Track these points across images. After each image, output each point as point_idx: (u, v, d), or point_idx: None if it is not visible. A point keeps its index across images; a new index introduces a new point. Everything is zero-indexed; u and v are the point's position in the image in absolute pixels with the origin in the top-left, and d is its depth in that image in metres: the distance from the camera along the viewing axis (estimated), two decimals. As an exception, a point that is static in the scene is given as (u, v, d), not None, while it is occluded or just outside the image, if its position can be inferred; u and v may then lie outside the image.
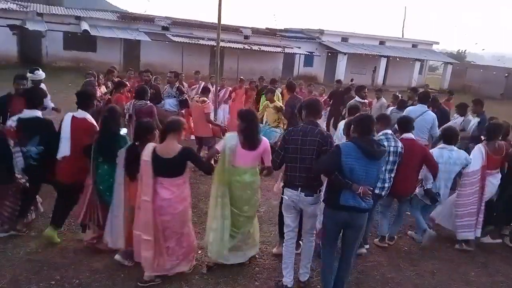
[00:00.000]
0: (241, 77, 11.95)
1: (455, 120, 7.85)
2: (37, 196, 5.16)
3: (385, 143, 4.61)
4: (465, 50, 60.10)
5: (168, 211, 3.95)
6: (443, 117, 7.66)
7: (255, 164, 4.35)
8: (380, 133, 4.83)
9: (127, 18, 27.30)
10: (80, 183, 4.48)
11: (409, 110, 7.11)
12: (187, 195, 4.14)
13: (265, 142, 4.30)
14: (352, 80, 20.05)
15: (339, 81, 11.71)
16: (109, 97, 7.06)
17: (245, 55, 26.56)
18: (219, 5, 7.99)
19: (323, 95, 11.57)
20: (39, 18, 23.66)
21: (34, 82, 6.31)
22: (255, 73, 20.30)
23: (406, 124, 5.25)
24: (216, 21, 8.27)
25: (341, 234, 4.01)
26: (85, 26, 23.63)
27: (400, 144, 4.83)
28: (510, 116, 7.13)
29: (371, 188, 3.75)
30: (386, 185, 4.83)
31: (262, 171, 4.43)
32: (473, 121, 7.46)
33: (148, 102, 6.53)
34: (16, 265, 4.18)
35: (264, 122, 7.98)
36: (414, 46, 35.57)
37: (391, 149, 4.74)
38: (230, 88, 10.74)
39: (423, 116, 6.75)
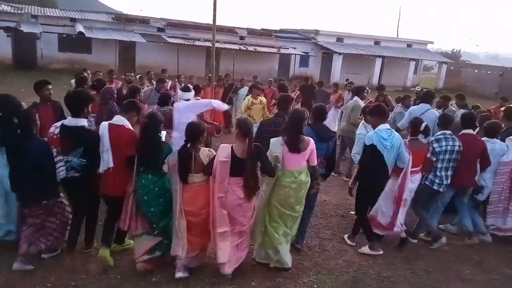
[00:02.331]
0: (210, 75, 12.20)
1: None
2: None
3: (443, 143, 5.19)
4: (460, 50, 60.33)
5: (243, 207, 4.11)
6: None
7: (305, 164, 4.38)
8: (439, 133, 5.35)
9: (122, 20, 27.22)
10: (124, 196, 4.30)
11: (412, 109, 7.27)
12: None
13: (311, 142, 4.37)
14: (347, 80, 20.05)
15: (307, 79, 13.29)
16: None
17: (240, 55, 26.57)
18: (214, 6, 8.01)
19: (295, 91, 12.13)
20: (33, 20, 23.56)
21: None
22: (251, 73, 20.22)
23: (468, 121, 5.57)
24: (212, 22, 8.27)
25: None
26: (80, 27, 23.57)
27: (458, 143, 5.25)
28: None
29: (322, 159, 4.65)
30: (444, 182, 5.29)
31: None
32: (457, 112, 7.80)
33: (172, 108, 6.40)
34: (11, 266, 4.14)
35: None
36: (409, 46, 35.70)
37: (449, 148, 5.20)
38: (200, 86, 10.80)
39: (425, 114, 6.83)
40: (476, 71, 32.71)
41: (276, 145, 4.28)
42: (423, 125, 5.17)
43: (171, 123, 6.16)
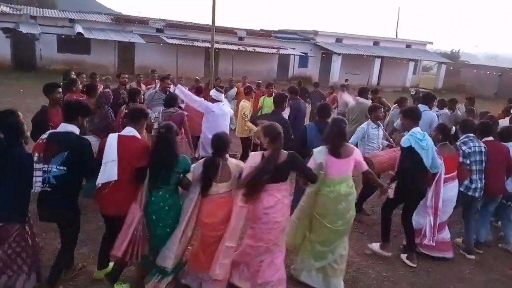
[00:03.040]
0: (197, 77, 12.23)
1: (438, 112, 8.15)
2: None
3: (471, 144, 5.17)
4: (459, 50, 60.47)
5: (269, 219, 3.80)
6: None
7: (350, 173, 4.20)
8: (464, 136, 5.32)
9: (121, 21, 27.20)
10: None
11: None
12: (288, 205, 3.99)
13: (357, 150, 4.29)
14: (346, 80, 20.09)
15: (300, 82, 13.33)
16: (126, 111, 5.87)
17: (240, 56, 26.58)
18: (213, 7, 8.00)
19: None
20: (32, 21, 23.54)
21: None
22: (250, 74, 20.30)
23: (487, 128, 5.53)
24: (211, 23, 8.27)
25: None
26: (79, 28, 23.56)
27: (483, 144, 5.23)
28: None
29: None
30: (479, 185, 5.19)
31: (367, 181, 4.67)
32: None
33: (178, 109, 6.27)
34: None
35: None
36: (408, 46, 35.74)
37: (476, 149, 5.18)
38: (187, 87, 10.73)
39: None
40: (475, 71, 32.72)
41: (320, 153, 4.13)
42: (453, 129, 5.27)
43: (179, 125, 6.12)
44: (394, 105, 9.06)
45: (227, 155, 3.91)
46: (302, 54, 29.83)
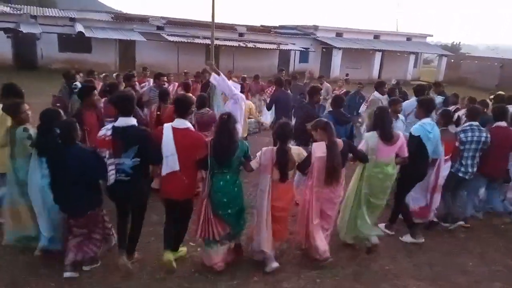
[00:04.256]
0: (185, 70, 12.36)
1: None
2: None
3: (469, 134, 5.54)
4: (460, 42, 60.05)
5: (334, 201, 4.54)
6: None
7: (394, 156, 4.85)
8: (466, 124, 5.72)
9: (122, 19, 27.18)
10: (191, 198, 4.32)
11: (404, 105, 7.24)
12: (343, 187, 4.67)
13: (402, 136, 4.86)
14: (347, 75, 20.05)
15: (281, 70, 13.75)
16: (158, 113, 6.21)
17: (240, 52, 26.54)
18: (213, 3, 8.01)
19: (272, 85, 12.32)
20: (33, 21, 23.54)
21: None
22: (251, 70, 20.29)
23: (500, 114, 5.86)
24: (211, 20, 8.27)
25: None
26: (79, 27, 23.55)
27: (484, 134, 5.57)
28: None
29: None
30: (470, 170, 5.63)
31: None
32: (437, 100, 8.21)
33: (210, 110, 6.39)
34: (15, 268, 4.20)
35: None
36: (408, 39, 35.57)
37: (475, 139, 5.55)
38: (177, 83, 10.70)
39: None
40: (476, 63, 32.58)
41: (372, 138, 4.77)
42: (455, 116, 5.74)
43: (209, 126, 6.12)
44: (374, 93, 9.00)
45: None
46: (302, 49, 29.76)
